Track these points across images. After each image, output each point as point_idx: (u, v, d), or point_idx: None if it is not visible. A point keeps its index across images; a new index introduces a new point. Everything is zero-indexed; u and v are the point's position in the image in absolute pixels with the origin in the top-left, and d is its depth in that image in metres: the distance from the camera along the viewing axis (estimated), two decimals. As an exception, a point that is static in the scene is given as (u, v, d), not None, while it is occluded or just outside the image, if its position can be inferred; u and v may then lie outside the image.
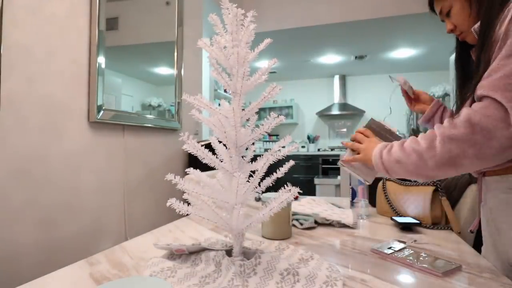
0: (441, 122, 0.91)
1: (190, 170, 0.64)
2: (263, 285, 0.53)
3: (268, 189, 0.69)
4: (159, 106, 1.86)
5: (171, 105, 1.98)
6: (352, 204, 1.11)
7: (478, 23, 0.67)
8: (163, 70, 1.96)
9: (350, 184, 1.12)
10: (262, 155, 0.61)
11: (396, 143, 0.69)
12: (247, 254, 0.63)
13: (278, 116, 0.60)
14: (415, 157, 0.63)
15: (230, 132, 0.59)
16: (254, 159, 0.63)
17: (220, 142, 0.63)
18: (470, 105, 0.61)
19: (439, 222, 0.97)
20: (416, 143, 0.64)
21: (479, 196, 0.74)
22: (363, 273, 0.61)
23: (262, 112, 5.74)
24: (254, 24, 0.62)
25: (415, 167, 0.63)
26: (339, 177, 3.11)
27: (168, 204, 0.57)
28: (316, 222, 0.96)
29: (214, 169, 0.63)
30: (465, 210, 0.99)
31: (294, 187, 0.60)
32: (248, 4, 3.40)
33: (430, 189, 1.00)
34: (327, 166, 5.28)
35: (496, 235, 0.67)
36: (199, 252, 0.65)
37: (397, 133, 0.84)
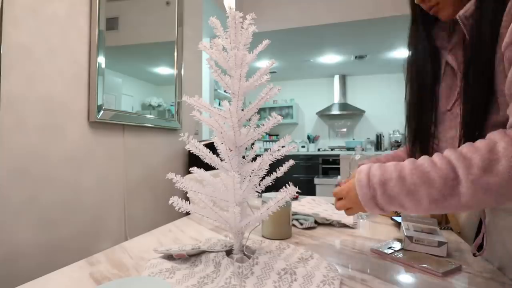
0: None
1: (194, 169, 0.65)
2: (261, 285, 0.53)
3: (269, 189, 0.69)
4: (159, 106, 1.86)
5: (171, 105, 1.98)
6: (352, 204, 1.11)
7: (467, 9, 0.51)
8: (163, 70, 1.97)
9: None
10: (262, 155, 0.61)
11: (393, 165, 0.52)
12: (247, 253, 0.63)
13: (276, 116, 0.60)
14: (440, 181, 0.46)
15: (228, 132, 0.60)
16: (255, 159, 0.63)
17: (222, 142, 0.64)
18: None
19: (439, 222, 0.97)
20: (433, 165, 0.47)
21: (482, 212, 0.65)
22: (363, 273, 0.61)
23: (262, 112, 5.75)
24: (253, 26, 0.62)
25: (439, 193, 0.46)
26: (339, 177, 3.11)
27: (170, 202, 0.57)
28: (316, 222, 0.96)
29: (217, 168, 0.63)
30: (465, 210, 0.99)
31: (293, 186, 0.60)
32: (248, 4, 3.40)
33: (430, 189, 1.00)
34: (327, 166, 5.28)
35: (505, 257, 0.60)
36: (199, 254, 0.65)
37: None
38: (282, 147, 0.62)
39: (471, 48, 0.52)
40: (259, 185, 0.62)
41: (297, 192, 0.61)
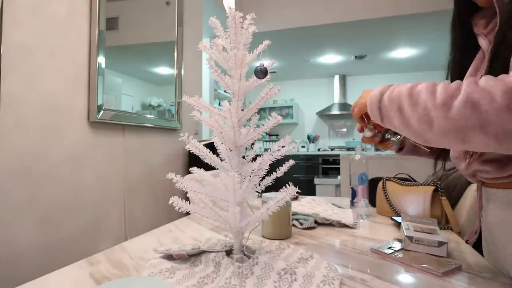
0: None
1: (194, 169, 0.65)
2: (261, 285, 0.53)
3: (269, 189, 0.69)
4: (159, 106, 1.86)
5: (171, 105, 1.98)
6: (352, 204, 1.11)
7: None
8: (163, 70, 1.97)
9: (350, 184, 1.12)
10: (262, 155, 0.61)
11: (405, 86, 0.53)
12: (247, 253, 0.63)
13: (276, 116, 0.61)
14: (422, 110, 0.48)
15: (228, 132, 0.60)
16: (255, 159, 0.63)
17: (222, 142, 0.64)
18: None
19: (439, 222, 0.97)
20: (430, 92, 0.48)
21: (479, 203, 0.67)
22: (363, 273, 0.61)
23: (262, 112, 5.75)
24: (253, 26, 0.62)
25: (417, 123, 0.49)
26: (339, 177, 3.11)
27: (170, 202, 0.58)
28: (316, 222, 0.96)
29: (217, 168, 0.63)
30: (465, 210, 0.99)
31: (293, 186, 0.60)
32: (248, 4, 3.40)
33: (430, 189, 1.00)
34: (327, 166, 5.28)
35: (495, 249, 0.63)
36: (199, 254, 0.65)
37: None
38: (282, 147, 0.62)
39: (499, 31, 0.53)
40: (259, 185, 0.62)
41: (297, 192, 0.61)
